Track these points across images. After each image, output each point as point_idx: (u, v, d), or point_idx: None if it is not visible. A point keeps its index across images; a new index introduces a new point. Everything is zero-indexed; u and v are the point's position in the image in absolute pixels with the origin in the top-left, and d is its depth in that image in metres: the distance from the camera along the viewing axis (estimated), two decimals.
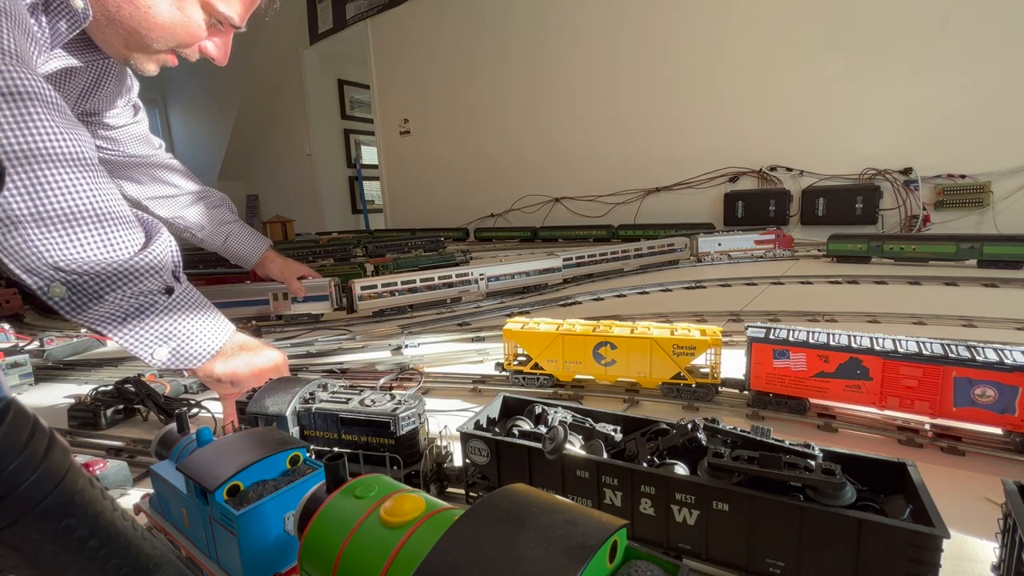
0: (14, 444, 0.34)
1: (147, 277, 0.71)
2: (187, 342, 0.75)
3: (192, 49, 0.90)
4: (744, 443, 0.55)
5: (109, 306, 0.69)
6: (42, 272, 0.64)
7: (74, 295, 0.66)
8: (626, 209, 3.96)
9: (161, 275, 0.73)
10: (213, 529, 0.49)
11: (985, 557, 0.54)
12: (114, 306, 0.69)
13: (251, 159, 7.59)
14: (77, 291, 0.66)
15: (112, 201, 0.69)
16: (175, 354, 0.74)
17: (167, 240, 0.75)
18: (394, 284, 1.88)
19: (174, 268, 0.76)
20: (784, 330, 0.90)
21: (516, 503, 0.32)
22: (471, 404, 1.05)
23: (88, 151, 0.69)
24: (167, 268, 0.74)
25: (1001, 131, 2.56)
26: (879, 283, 1.92)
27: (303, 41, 6.36)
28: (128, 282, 0.69)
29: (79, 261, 0.65)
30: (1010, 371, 0.72)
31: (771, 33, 3.17)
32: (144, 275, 0.70)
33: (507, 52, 4.51)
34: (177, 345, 0.74)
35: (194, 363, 0.76)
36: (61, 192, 0.64)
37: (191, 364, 0.76)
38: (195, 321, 0.76)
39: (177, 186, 1.41)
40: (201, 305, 0.78)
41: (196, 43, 0.89)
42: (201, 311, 0.78)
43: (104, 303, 0.68)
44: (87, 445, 0.97)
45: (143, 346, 0.72)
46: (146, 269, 0.70)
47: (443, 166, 5.26)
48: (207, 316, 0.78)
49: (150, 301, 0.72)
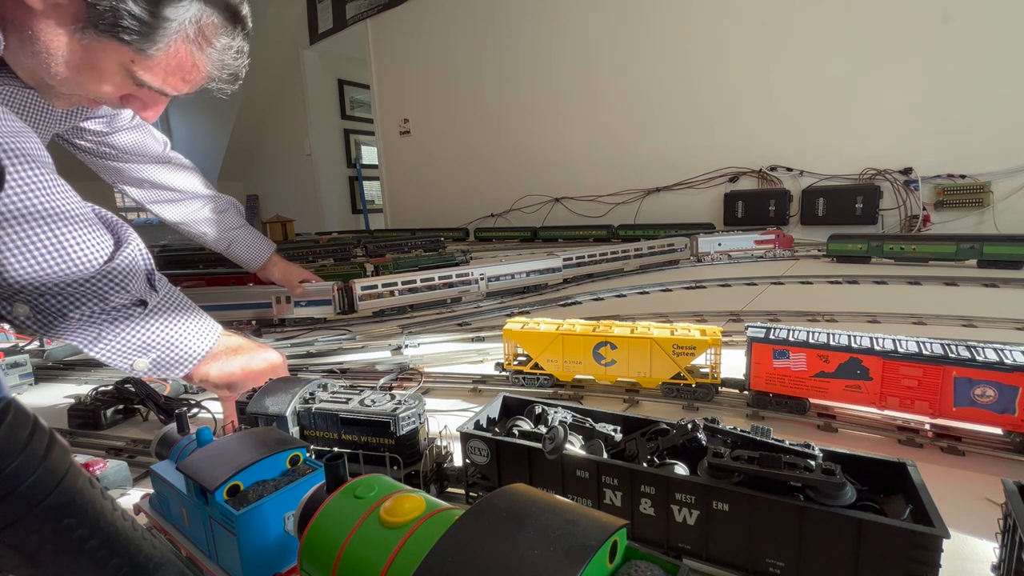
0: (14, 444, 0.34)
1: (114, 292, 0.64)
2: (168, 351, 0.71)
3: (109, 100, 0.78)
4: (744, 443, 0.55)
5: (76, 323, 0.63)
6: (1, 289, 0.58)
7: (37, 314, 0.60)
8: (626, 209, 3.96)
9: (129, 288, 0.66)
10: (213, 529, 0.49)
11: (985, 557, 0.54)
12: (81, 323, 0.63)
13: (251, 159, 7.59)
14: (39, 310, 0.60)
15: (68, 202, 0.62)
16: (157, 364, 0.70)
17: (136, 247, 0.68)
18: (394, 284, 1.88)
19: (148, 275, 0.70)
20: (784, 330, 0.90)
21: (516, 503, 0.32)
22: (471, 404, 1.05)
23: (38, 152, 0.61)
24: (138, 278, 0.67)
25: (1001, 131, 2.56)
26: (879, 283, 1.92)
27: (303, 41, 6.37)
28: (92, 299, 0.63)
29: (35, 277, 0.58)
30: (1010, 371, 0.72)
31: (771, 33, 3.17)
32: (110, 290, 0.64)
33: (507, 52, 4.51)
34: (158, 355, 0.70)
35: (177, 372, 0.73)
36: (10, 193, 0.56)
37: (174, 373, 0.73)
38: (176, 328, 0.71)
39: (181, 189, 1.37)
40: (182, 309, 0.73)
41: (109, 101, 0.78)
42: (182, 316, 0.73)
43: (69, 321, 0.62)
44: (87, 445, 0.97)
45: (120, 358, 0.67)
46: (112, 283, 0.64)
47: (443, 166, 5.26)
48: (189, 321, 0.74)
49: (123, 314, 0.66)
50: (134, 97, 0.79)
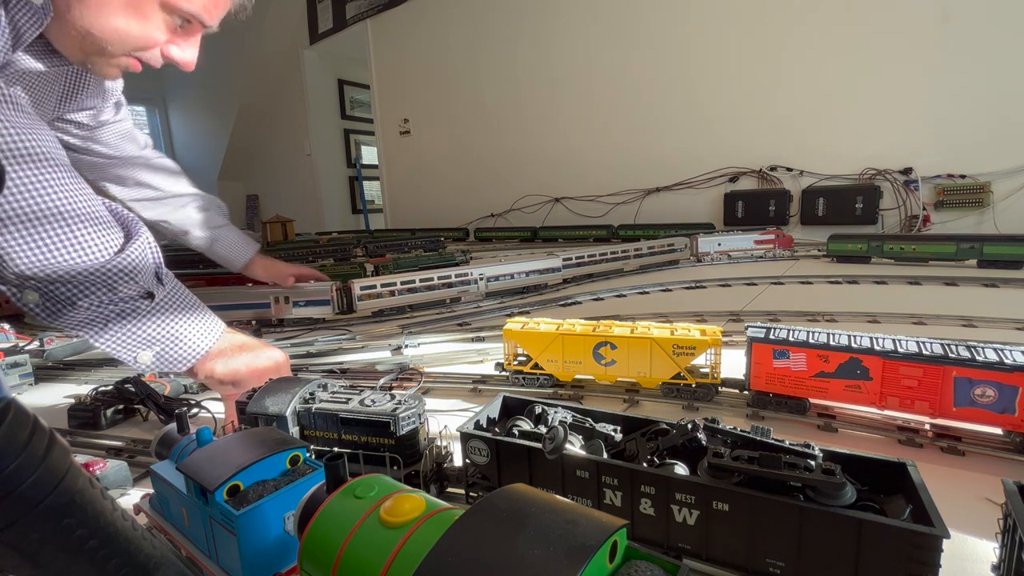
0: (14, 444, 0.34)
1: (123, 283, 0.66)
2: (172, 346, 0.72)
3: (153, 54, 0.80)
4: (744, 443, 0.55)
5: (84, 312, 0.66)
6: (9, 279, 0.61)
7: (47, 301, 0.63)
8: (626, 209, 3.96)
9: (138, 280, 0.68)
10: (213, 529, 0.49)
11: (985, 557, 0.54)
12: (90, 312, 0.66)
13: (251, 159, 7.59)
14: (49, 298, 0.63)
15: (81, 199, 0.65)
16: (160, 358, 0.72)
17: (146, 241, 0.71)
18: (393, 284, 1.88)
19: (156, 269, 0.72)
20: (784, 330, 0.90)
21: (516, 503, 0.32)
22: (471, 404, 1.05)
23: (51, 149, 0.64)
24: (146, 271, 0.70)
25: (1001, 131, 2.56)
26: (879, 283, 1.92)
27: (303, 41, 6.36)
28: (101, 288, 0.65)
29: (45, 266, 0.61)
30: (1010, 371, 0.72)
31: (771, 33, 3.17)
32: (119, 280, 0.66)
33: (507, 52, 4.51)
34: (162, 349, 0.72)
35: (180, 367, 0.74)
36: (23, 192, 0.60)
37: (177, 368, 0.74)
38: (181, 324, 0.73)
39: (161, 188, 1.36)
40: (188, 306, 0.75)
41: (156, 46, 0.79)
42: (188, 313, 0.75)
43: (78, 309, 0.65)
44: (87, 445, 0.97)
45: (125, 351, 0.69)
46: (121, 274, 0.66)
47: (443, 166, 5.26)
48: (194, 318, 0.75)
49: (130, 307, 0.68)
50: (174, 42, 0.81)
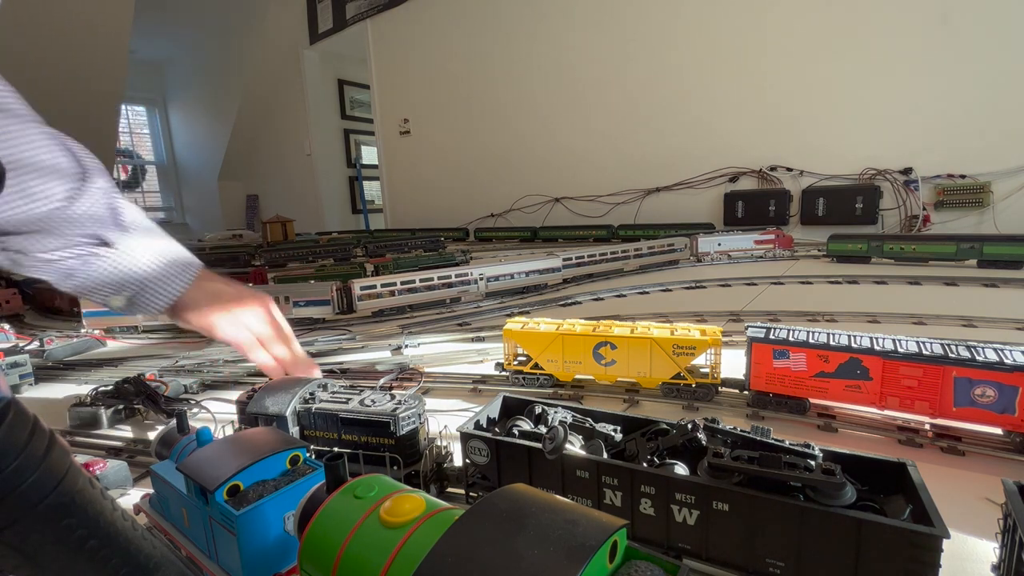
0: (14, 444, 0.34)
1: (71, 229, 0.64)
2: (142, 291, 0.71)
3: None
4: (744, 443, 0.55)
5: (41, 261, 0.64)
6: None
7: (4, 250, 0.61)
8: (626, 209, 3.96)
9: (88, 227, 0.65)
10: (213, 529, 0.49)
11: (985, 557, 0.54)
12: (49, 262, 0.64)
13: (251, 159, 7.60)
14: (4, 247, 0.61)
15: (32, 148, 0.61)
16: (132, 302, 0.71)
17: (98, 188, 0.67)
18: (393, 284, 1.88)
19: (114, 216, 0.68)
20: (784, 330, 0.90)
21: (516, 503, 0.32)
22: (471, 404, 1.05)
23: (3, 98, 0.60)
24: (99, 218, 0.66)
25: (1001, 131, 2.56)
26: (879, 283, 1.92)
27: (303, 41, 6.37)
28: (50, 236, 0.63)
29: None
30: (1010, 371, 0.72)
31: (771, 33, 3.17)
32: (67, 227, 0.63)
33: (507, 52, 4.51)
34: (132, 294, 0.71)
35: (153, 310, 0.73)
36: None
37: (151, 311, 0.74)
38: (147, 269, 0.71)
39: None
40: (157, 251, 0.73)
41: None
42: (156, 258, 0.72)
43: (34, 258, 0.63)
44: (87, 445, 0.97)
45: (95, 295, 0.68)
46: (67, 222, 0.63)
47: (443, 166, 5.26)
48: (164, 263, 0.73)
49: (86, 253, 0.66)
50: None
